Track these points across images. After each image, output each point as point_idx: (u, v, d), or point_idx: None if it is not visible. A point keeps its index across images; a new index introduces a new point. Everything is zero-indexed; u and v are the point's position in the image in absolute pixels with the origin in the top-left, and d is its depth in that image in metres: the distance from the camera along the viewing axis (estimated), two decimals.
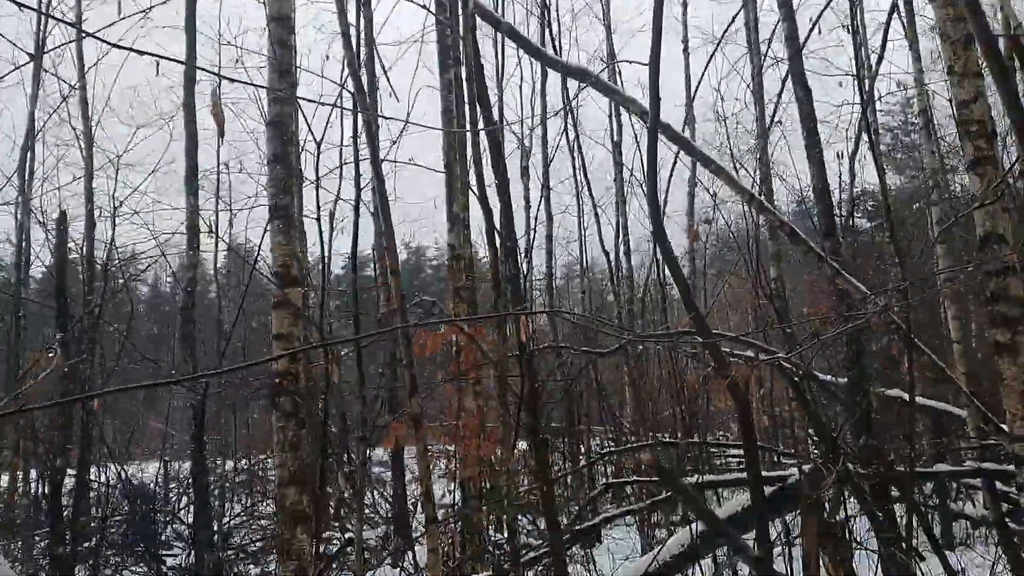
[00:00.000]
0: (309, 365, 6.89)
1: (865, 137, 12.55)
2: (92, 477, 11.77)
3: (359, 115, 8.27)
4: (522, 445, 10.04)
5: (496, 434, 9.66)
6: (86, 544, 10.81)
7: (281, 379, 5.22)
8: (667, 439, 9.63)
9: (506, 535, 11.77)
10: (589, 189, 17.07)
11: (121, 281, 13.50)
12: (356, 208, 6.24)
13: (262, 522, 13.95)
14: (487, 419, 10.14)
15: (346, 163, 10.97)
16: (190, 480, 12.35)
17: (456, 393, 9.84)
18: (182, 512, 13.90)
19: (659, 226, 2.34)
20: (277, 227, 5.40)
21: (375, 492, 14.32)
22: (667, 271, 18.00)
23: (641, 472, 8.42)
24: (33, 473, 12.26)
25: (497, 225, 5.28)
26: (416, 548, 12.06)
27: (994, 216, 5.12)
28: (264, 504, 15.66)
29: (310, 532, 5.10)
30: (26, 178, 13.76)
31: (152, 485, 13.98)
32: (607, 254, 16.21)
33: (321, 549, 6.51)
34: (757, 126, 13.26)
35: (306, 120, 15.68)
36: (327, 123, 17.42)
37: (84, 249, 11.22)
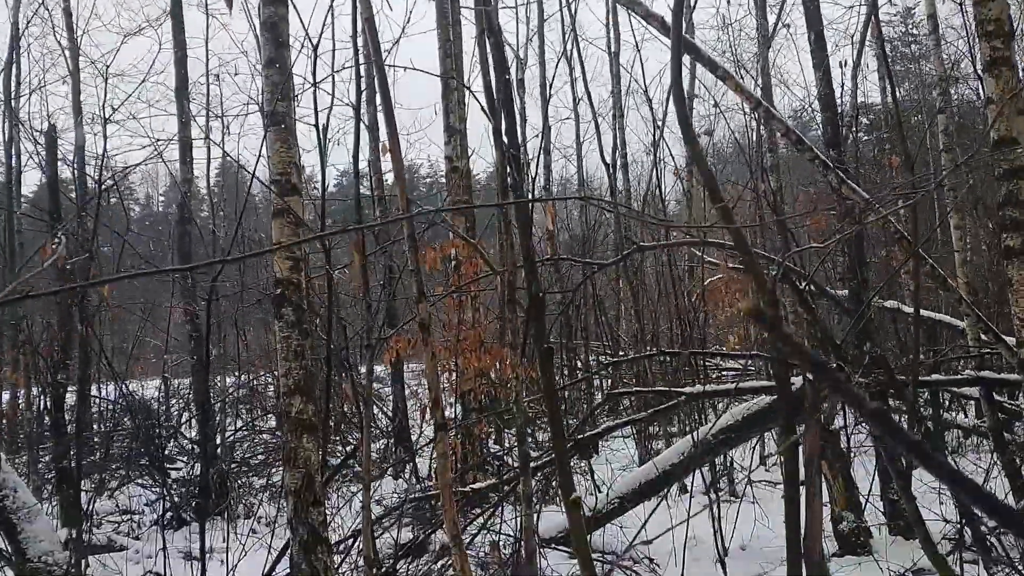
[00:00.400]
0: (310, 276, 6.83)
1: (871, 43, 12.31)
2: (93, 393, 11.82)
3: (358, 11, 7.99)
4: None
5: (496, 349, 9.69)
6: (90, 458, 10.91)
7: (284, 288, 5.16)
8: (669, 350, 9.63)
9: (507, 446, 11.94)
10: (589, 98, 16.68)
11: (115, 200, 13.33)
12: (356, 110, 6.06)
13: (263, 436, 14.10)
14: (485, 334, 10.16)
15: (346, 67, 10.77)
16: (191, 395, 12.43)
17: (456, 307, 9.84)
18: (184, 427, 14.04)
19: (685, 119, 2.23)
20: (275, 134, 5.26)
21: (374, 407, 14.43)
22: (670, 181, 17.77)
23: (641, 384, 8.46)
24: (35, 390, 12.30)
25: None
26: (417, 460, 12.23)
27: (1009, 119, 5.00)
28: (265, 419, 15.82)
29: (316, 441, 5.09)
30: (12, 90, 13.45)
31: (153, 401, 14.06)
32: (607, 166, 15.96)
33: (326, 459, 6.57)
34: (759, 32, 12.95)
35: (301, 21, 15.22)
36: (323, 24, 16.84)
37: (75, 163, 11.04)
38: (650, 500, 8.78)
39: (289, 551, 5.13)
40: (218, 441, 11.39)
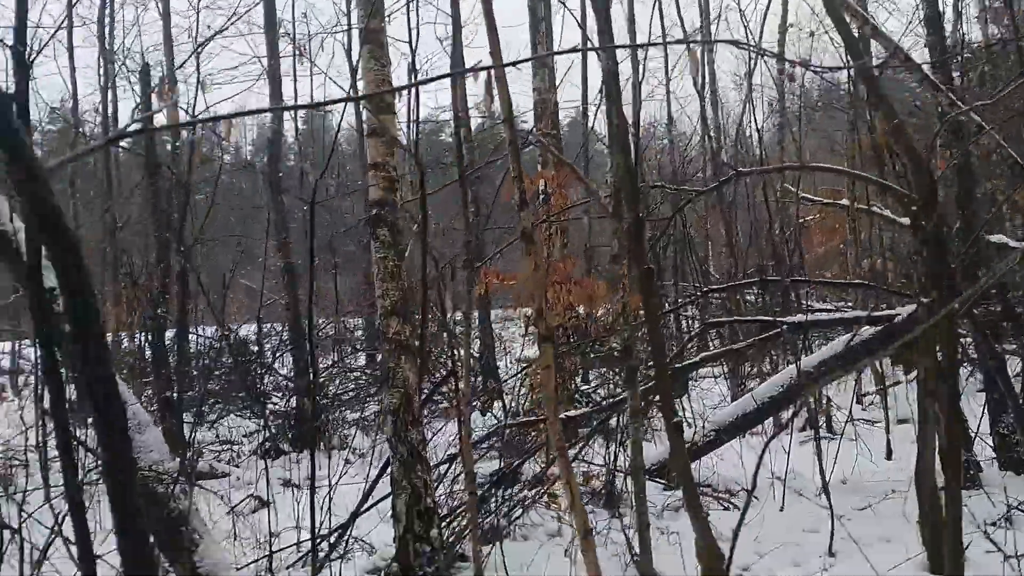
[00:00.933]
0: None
1: None
2: (191, 329, 12.13)
3: None
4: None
5: (586, 281, 9.56)
6: (190, 392, 11.23)
7: (379, 209, 5.12)
8: (771, 277, 9.31)
9: (594, 384, 11.86)
10: (682, 23, 16.02)
11: (212, 149, 13.54)
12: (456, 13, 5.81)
13: (354, 374, 14.32)
14: (573, 269, 10.02)
15: None
16: (285, 329, 12.66)
17: (545, 241, 9.72)
18: (277, 364, 14.35)
19: None
20: (369, 52, 5.18)
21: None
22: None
23: (738, 315, 8.22)
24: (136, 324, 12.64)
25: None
26: (505, 397, 12.24)
27: None
28: (354, 359, 16.08)
29: (413, 362, 5.08)
30: (106, 31, 13.68)
31: (249, 342, 14.36)
32: (701, 95, 15.40)
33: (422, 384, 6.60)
34: None
35: None
36: None
37: (167, 98, 11.16)
38: (746, 434, 8.65)
39: (389, 469, 5.16)
40: (312, 376, 11.58)
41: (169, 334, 11.42)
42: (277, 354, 13.61)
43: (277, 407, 12.00)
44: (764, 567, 5.89)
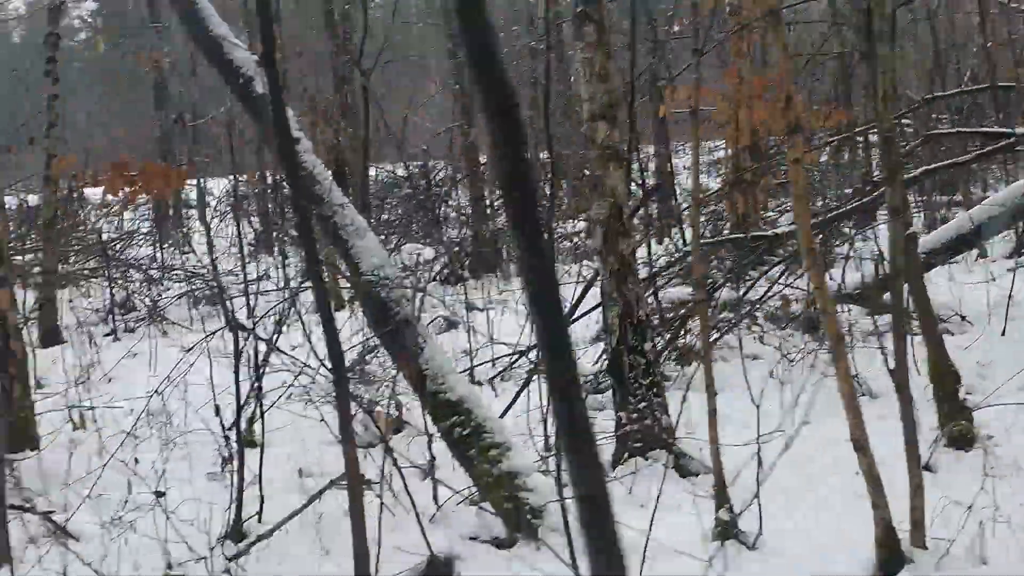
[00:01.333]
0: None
1: None
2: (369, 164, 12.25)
3: None
4: None
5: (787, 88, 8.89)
6: (371, 220, 11.47)
7: (584, 6, 4.77)
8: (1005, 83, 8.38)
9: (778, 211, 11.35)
10: None
11: None
12: None
13: None
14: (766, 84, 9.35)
15: None
16: (458, 166, 12.70)
17: (736, 56, 9.06)
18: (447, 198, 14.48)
19: None
20: None
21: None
22: None
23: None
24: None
25: None
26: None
27: None
28: None
29: (623, 171, 4.84)
30: None
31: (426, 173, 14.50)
32: None
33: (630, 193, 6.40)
34: None
35: None
36: None
37: None
38: (949, 261, 8.05)
39: (599, 282, 5.01)
40: (486, 202, 11.62)
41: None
42: (447, 189, 13.76)
43: (449, 234, 12.18)
44: (989, 389, 5.52)
